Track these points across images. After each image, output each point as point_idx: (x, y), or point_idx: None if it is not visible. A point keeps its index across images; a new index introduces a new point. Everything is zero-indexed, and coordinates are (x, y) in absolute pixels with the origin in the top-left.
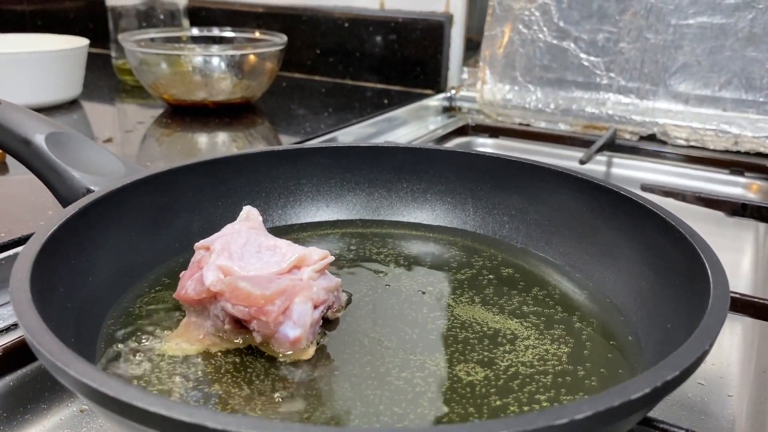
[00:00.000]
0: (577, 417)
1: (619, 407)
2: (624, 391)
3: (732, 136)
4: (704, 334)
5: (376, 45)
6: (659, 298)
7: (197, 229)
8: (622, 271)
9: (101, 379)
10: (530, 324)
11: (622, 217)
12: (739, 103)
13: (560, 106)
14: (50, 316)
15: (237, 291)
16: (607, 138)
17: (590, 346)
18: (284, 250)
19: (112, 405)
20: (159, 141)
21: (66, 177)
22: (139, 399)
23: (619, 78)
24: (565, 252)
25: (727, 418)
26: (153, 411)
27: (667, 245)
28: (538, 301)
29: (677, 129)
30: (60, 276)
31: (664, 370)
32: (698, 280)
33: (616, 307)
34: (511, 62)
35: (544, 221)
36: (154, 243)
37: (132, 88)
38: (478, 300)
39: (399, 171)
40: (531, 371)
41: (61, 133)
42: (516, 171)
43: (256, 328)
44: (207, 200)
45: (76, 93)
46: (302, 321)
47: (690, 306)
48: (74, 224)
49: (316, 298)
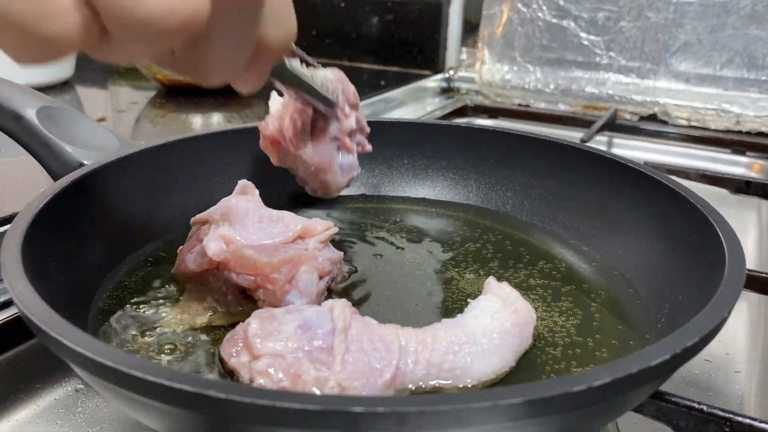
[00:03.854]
0: (595, 383)
1: (638, 374)
2: (643, 357)
3: (733, 115)
4: (723, 301)
5: (372, 26)
6: (669, 270)
7: (194, 205)
8: (630, 244)
9: (99, 348)
10: (537, 296)
11: (630, 190)
12: (741, 82)
13: (560, 86)
14: (43, 288)
15: (242, 259)
16: (607, 118)
17: (599, 318)
18: (287, 220)
19: (111, 375)
20: (153, 122)
21: (58, 152)
22: (140, 368)
23: (619, 57)
24: (571, 226)
25: (735, 395)
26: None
27: (677, 217)
28: (544, 274)
29: (678, 109)
30: (52, 248)
31: (683, 337)
32: (711, 250)
33: (625, 279)
34: (510, 42)
35: (549, 196)
36: (150, 218)
37: (126, 71)
38: (483, 273)
39: (400, 146)
40: (540, 344)
41: (53, 108)
42: (520, 145)
43: (261, 297)
44: (204, 176)
45: (68, 74)
46: (308, 291)
47: (702, 277)
48: (66, 197)
49: (322, 268)
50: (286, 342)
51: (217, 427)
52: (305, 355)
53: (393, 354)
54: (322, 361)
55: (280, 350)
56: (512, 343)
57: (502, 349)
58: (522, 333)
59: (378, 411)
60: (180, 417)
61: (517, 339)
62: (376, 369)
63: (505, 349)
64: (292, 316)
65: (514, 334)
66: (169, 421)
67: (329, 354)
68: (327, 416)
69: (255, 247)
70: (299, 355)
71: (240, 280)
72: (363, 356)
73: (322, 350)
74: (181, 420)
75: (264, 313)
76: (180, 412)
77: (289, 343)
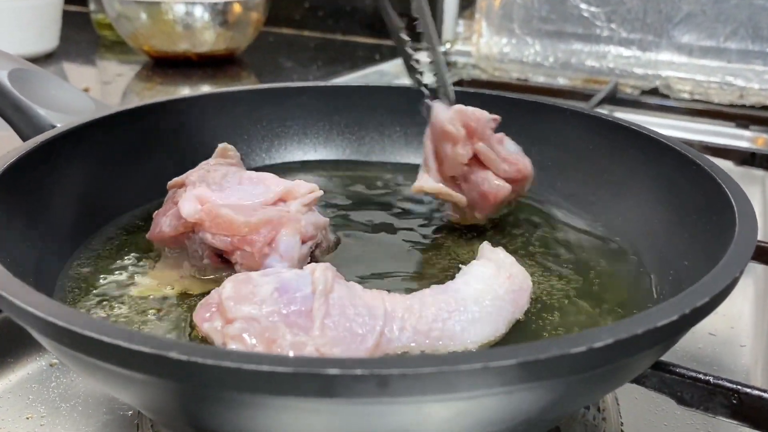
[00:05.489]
0: (596, 345)
1: (643, 335)
2: (649, 318)
3: (737, 88)
4: (734, 260)
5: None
6: (673, 235)
7: (173, 172)
8: (632, 210)
9: (51, 308)
10: (534, 263)
11: (633, 154)
12: (745, 54)
13: (559, 59)
14: (5, 251)
15: (218, 219)
16: (607, 92)
17: (599, 284)
18: (269, 182)
19: (65, 337)
20: (140, 95)
21: (30, 114)
22: (95, 329)
23: (620, 29)
24: (570, 193)
25: (740, 370)
26: (110, 342)
27: (682, 180)
28: (542, 242)
29: (680, 82)
30: (18, 211)
31: (692, 297)
32: (719, 212)
33: (627, 246)
34: (508, 14)
35: (547, 162)
36: (127, 184)
37: (112, 44)
38: (478, 241)
39: (392, 112)
40: (536, 308)
41: (25, 70)
42: (517, 110)
43: (239, 260)
44: (184, 141)
45: (52, 46)
46: (290, 255)
47: (710, 240)
48: (35, 158)
49: (305, 232)
50: (261, 305)
51: (183, 395)
52: (281, 319)
53: (377, 320)
54: (299, 325)
55: (254, 314)
56: (505, 311)
57: (495, 317)
58: (516, 300)
59: (355, 373)
60: (143, 384)
61: (511, 307)
62: (358, 335)
63: (498, 317)
64: (269, 279)
65: (507, 302)
66: (135, 390)
67: (308, 318)
68: (299, 379)
69: (232, 206)
70: (275, 318)
71: (216, 242)
72: (344, 321)
73: (300, 314)
74: (146, 388)
75: (240, 276)
76: (141, 378)
77: (264, 307)
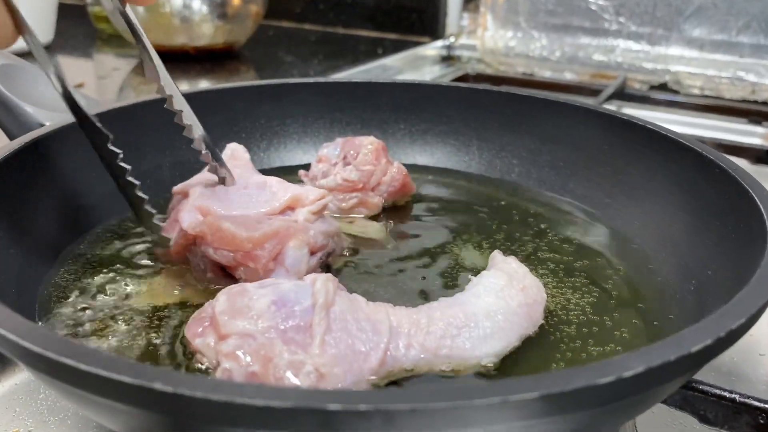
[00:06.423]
0: (626, 374)
1: (677, 362)
2: (681, 342)
3: (749, 84)
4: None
5: None
6: (695, 241)
7: (168, 171)
8: (649, 214)
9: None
10: (547, 272)
11: (650, 155)
12: (758, 49)
13: (566, 53)
14: None
15: (219, 233)
16: (616, 87)
17: (617, 296)
18: (275, 188)
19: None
20: (137, 90)
21: (18, 112)
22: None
23: (629, 23)
24: (583, 195)
25: (760, 380)
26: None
27: (704, 183)
28: (554, 247)
29: (691, 77)
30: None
31: (726, 318)
32: (746, 219)
33: (644, 253)
34: (514, 7)
35: (559, 162)
36: None
37: (109, 37)
38: (487, 246)
39: (396, 110)
40: (552, 321)
41: (13, 66)
42: (526, 108)
43: (243, 277)
44: (178, 139)
45: (47, 40)
46: (297, 268)
47: (735, 249)
48: (20, 158)
49: (314, 242)
50: (257, 320)
51: (171, 426)
52: (279, 335)
53: (381, 336)
54: (297, 342)
55: (249, 329)
56: (519, 327)
57: (507, 332)
58: (530, 314)
59: (359, 409)
60: (129, 414)
61: (525, 321)
62: (361, 352)
63: (511, 332)
64: (265, 291)
65: (521, 316)
66: (119, 419)
67: (307, 334)
68: (297, 415)
69: (235, 219)
70: (272, 335)
71: (218, 257)
72: (346, 337)
73: (298, 329)
74: (130, 418)
75: (235, 287)
76: (126, 409)
77: (260, 322)
